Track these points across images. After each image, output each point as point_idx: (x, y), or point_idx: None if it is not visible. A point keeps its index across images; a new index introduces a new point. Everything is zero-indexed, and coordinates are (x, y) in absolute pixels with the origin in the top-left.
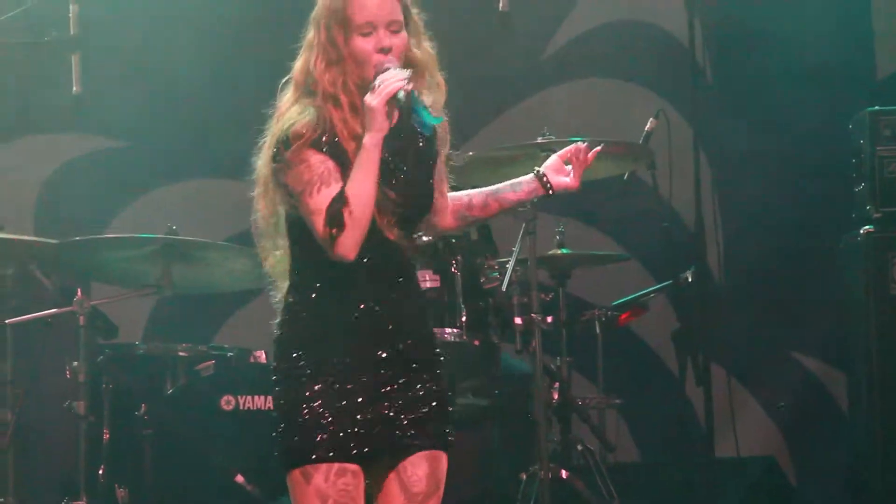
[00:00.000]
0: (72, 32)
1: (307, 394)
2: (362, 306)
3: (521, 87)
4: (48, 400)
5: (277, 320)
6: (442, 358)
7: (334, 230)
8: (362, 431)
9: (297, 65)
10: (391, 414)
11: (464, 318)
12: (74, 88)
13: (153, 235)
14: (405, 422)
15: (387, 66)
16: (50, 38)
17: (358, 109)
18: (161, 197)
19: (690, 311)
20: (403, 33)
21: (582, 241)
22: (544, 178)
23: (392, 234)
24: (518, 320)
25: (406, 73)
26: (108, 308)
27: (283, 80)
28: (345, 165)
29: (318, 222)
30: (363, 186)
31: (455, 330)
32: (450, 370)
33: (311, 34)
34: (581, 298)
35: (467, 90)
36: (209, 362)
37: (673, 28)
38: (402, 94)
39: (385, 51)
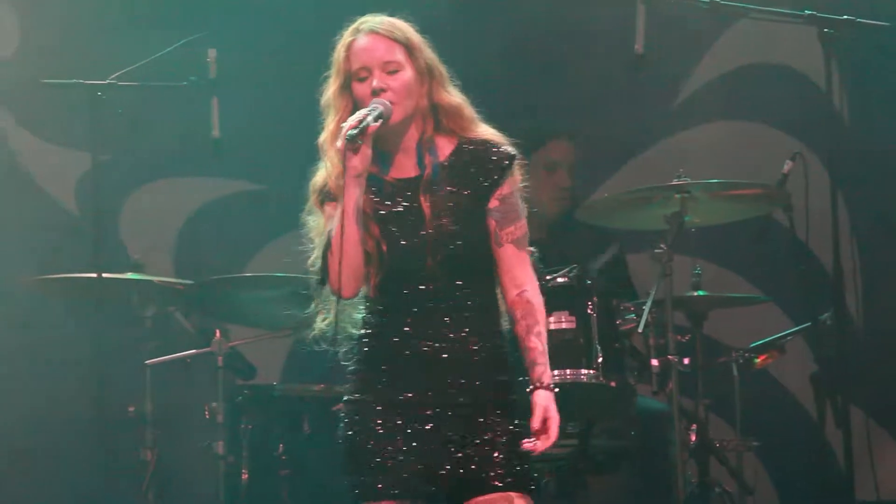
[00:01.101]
0: (211, 76)
1: (365, 430)
2: (401, 341)
3: (656, 129)
4: (187, 440)
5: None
6: (514, 397)
7: (321, 273)
8: (422, 468)
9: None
10: (457, 453)
11: (600, 360)
12: (214, 132)
13: (289, 275)
14: (471, 462)
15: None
16: (189, 83)
17: (333, 161)
18: (298, 238)
19: (829, 354)
20: (404, 73)
21: (718, 283)
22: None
23: (403, 278)
24: (654, 362)
25: (365, 110)
26: (245, 349)
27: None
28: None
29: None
30: (338, 232)
31: (591, 371)
32: (586, 411)
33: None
34: (717, 340)
35: (602, 132)
36: None
37: (809, 70)
38: (351, 133)
39: (376, 92)
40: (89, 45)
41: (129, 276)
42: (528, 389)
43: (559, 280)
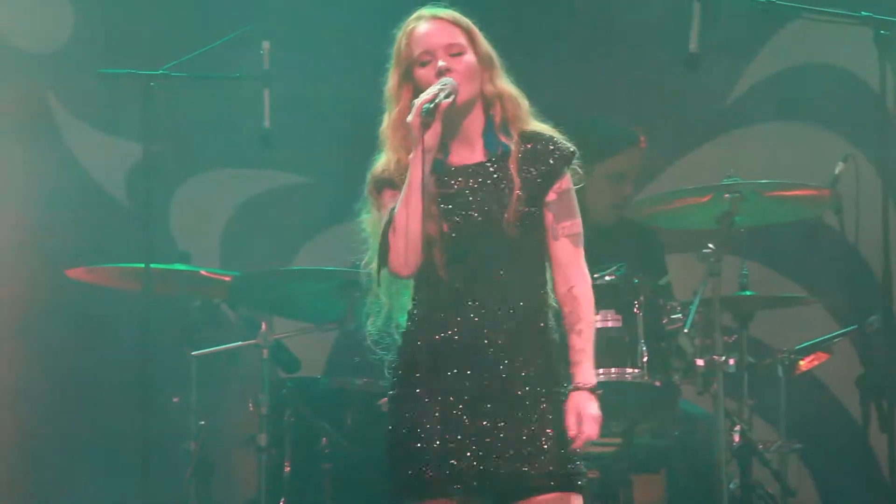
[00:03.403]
0: (264, 68)
1: (414, 425)
2: (449, 335)
3: (707, 128)
4: (231, 432)
5: None
6: (564, 391)
7: (381, 251)
8: (473, 465)
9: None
10: (509, 450)
11: (645, 359)
12: (265, 123)
13: (336, 269)
14: (524, 461)
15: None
16: (241, 74)
17: (396, 147)
18: (345, 232)
19: (875, 357)
20: (467, 56)
21: (766, 284)
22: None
23: (460, 266)
24: (700, 362)
25: (437, 86)
26: (290, 341)
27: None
28: None
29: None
30: (406, 201)
31: (636, 370)
32: (630, 410)
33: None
34: (763, 341)
35: (653, 130)
36: None
37: (863, 72)
38: (427, 107)
39: (441, 73)
40: (143, 35)
41: (177, 266)
42: (569, 389)
43: (606, 278)
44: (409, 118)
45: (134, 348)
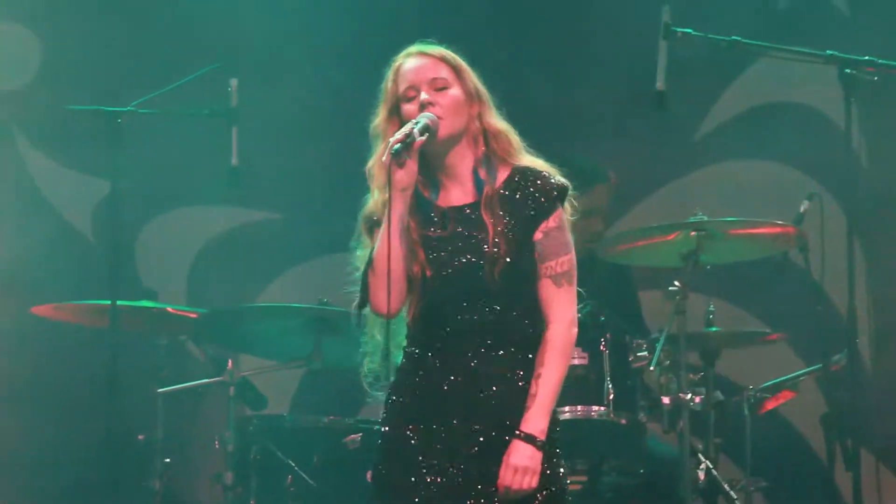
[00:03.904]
0: (232, 105)
1: (399, 465)
2: (446, 381)
3: (673, 166)
4: (196, 469)
5: None
6: (555, 436)
7: (362, 291)
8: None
9: None
10: (493, 495)
11: (611, 397)
12: (233, 161)
13: (303, 306)
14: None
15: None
16: (210, 111)
17: (380, 187)
18: (313, 269)
19: (840, 396)
20: (452, 91)
21: (732, 322)
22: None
23: (450, 304)
24: (666, 400)
25: (410, 124)
26: (257, 379)
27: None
28: None
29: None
30: (383, 243)
31: (602, 408)
32: (596, 448)
33: None
34: (729, 379)
35: (621, 168)
36: (356, 435)
37: (828, 111)
38: (395, 148)
39: (423, 106)
40: (110, 71)
41: (144, 303)
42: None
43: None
44: (383, 159)
45: (100, 386)
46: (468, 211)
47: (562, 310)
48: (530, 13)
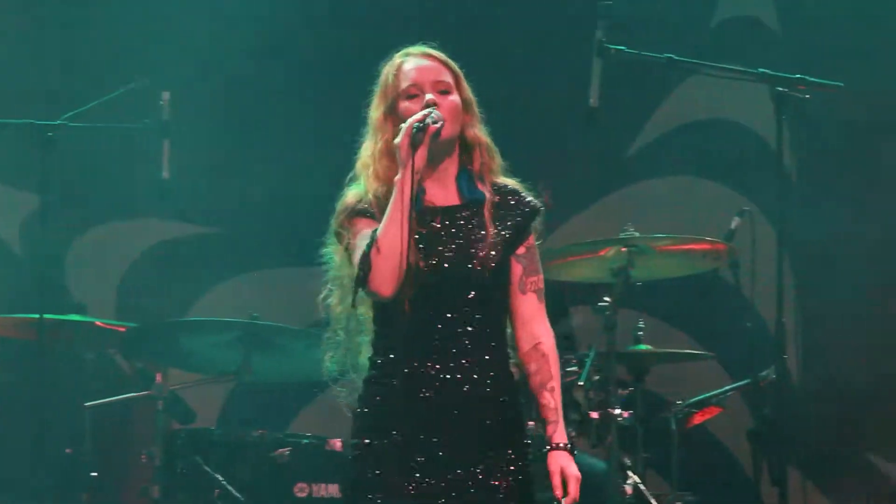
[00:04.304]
0: (164, 119)
1: (373, 472)
2: (423, 386)
3: (605, 182)
4: (124, 484)
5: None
6: (527, 441)
7: (362, 271)
8: None
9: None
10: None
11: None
12: (164, 174)
13: (234, 320)
14: None
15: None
16: (142, 125)
17: (381, 175)
18: (244, 284)
19: (767, 411)
20: (453, 96)
21: (661, 338)
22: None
23: (430, 309)
24: (595, 415)
25: (427, 110)
26: (185, 393)
27: (349, 176)
28: None
29: (354, 271)
30: (391, 222)
31: (530, 423)
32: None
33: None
34: (658, 394)
35: (552, 183)
36: (285, 449)
37: (759, 128)
38: (418, 125)
39: (428, 105)
40: (41, 84)
41: (72, 317)
42: (544, 449)
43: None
44: (397, 140)
45: (27, 399)
46: (456, 212)
47: (548, 325)
48: (460, 28)
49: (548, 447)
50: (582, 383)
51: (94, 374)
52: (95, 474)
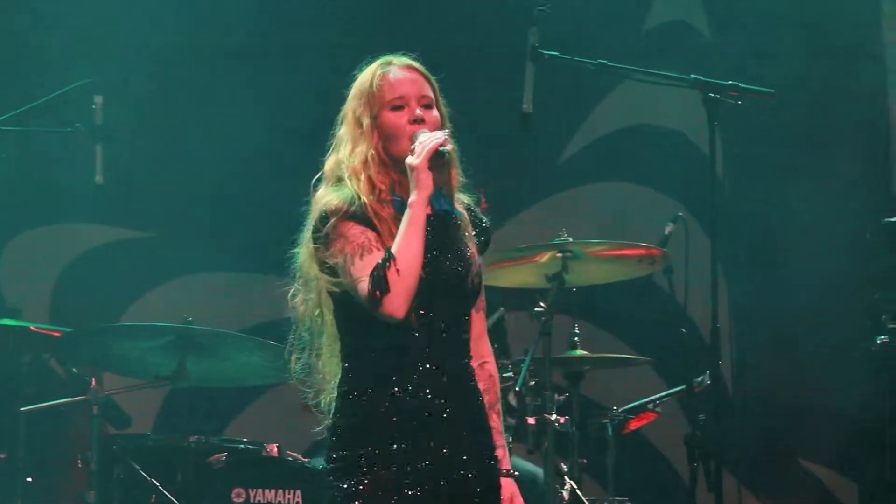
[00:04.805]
0: (97, 123)
1: (364, 484)
2: (415, 399)
3: (539, 188)
4: (59, 489)
5: (332, 409)
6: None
7: (378, 291)
8: None
9: (328, 161)
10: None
11: None
12: (97, 178)
13: (168, 325)
14: None
15: (422, 130)
16: (74, 129)
17: (375, 183)
18: (178, 288)
19: (702, 417)
20: (435, 111)
21: (596, 343)
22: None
23: (416, 318)
24: (531, 420)
25: (443, 133)
26: (121, 398)
27: (315, 178)
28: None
29: (363, 287)
30: (409, 244)
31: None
32: None
33: (340, 130)
34: (594, 400)
35: (486, 190)
36: (221, 454)
37: (693, 134)
38: (444, 149)
39: (418, 120)
40: None
41: (5, 321)
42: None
43: None
44: (415, 161)
45: None
46: (445, 221)
47: (489, 344)
48: (400, 27)
49: (502, 473)
50: (518, 388)
51: (28, 379)
52: (30, 479)
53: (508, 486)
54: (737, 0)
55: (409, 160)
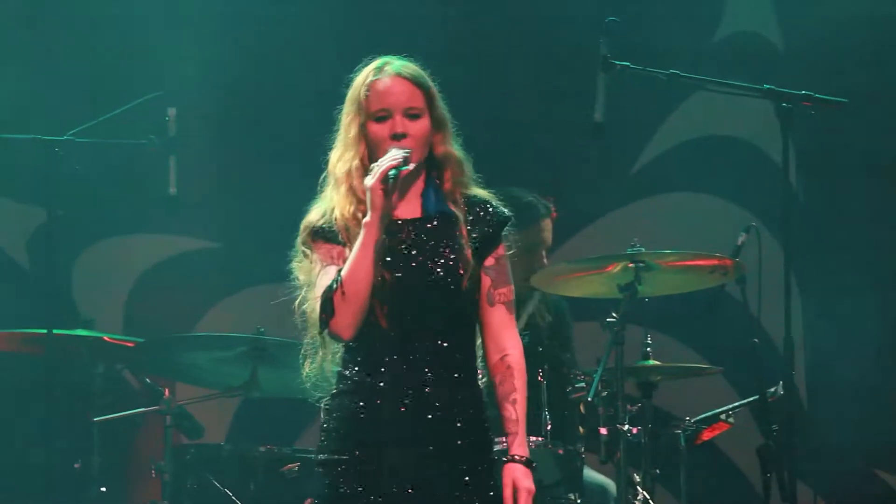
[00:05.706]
0: (170, 135)
1: (342, 485)
2: (395, 401)
3: (611, 198)
4: (133, 499)
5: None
6: (494, 458)
7: (324, 314)
8: None
9: (330, 158)
10: None
11: (549, 427)
12: (171, 190)
13: (241, 335)
14: None
15: (392, 150)
16: (148, 141)
17: (356, 193)
18: (250, 299)
19: (776, 428)
20: (423, 120)
21: (669, 354)
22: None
23: (399, 323)
24: (603, 430)
25: (401, 153)
26: (194, 408)
27: (321, 178)
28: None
29: (315, 308)
30: (358, 266)
31: (539, 438)
32: (533, 477)
33: (338, 128)
34: (667, 410)
35: (558, 200)
36: (294, 464)
37: (766, 144)
38: (393, 172)
39: (397, 137)
40: (48, 100)
41: (80, 332)
42: (503, 459)
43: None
44: (370, 181)
45: (36, 414)
46: (421, 225)
47: (517, 336)
48: (468, 41)
49: (505, 459)
50: (590, 399)
51: (102, 389)
52: (104, 489)
53: (510, 471)
54: (810, 9)
55: (366, 180)
